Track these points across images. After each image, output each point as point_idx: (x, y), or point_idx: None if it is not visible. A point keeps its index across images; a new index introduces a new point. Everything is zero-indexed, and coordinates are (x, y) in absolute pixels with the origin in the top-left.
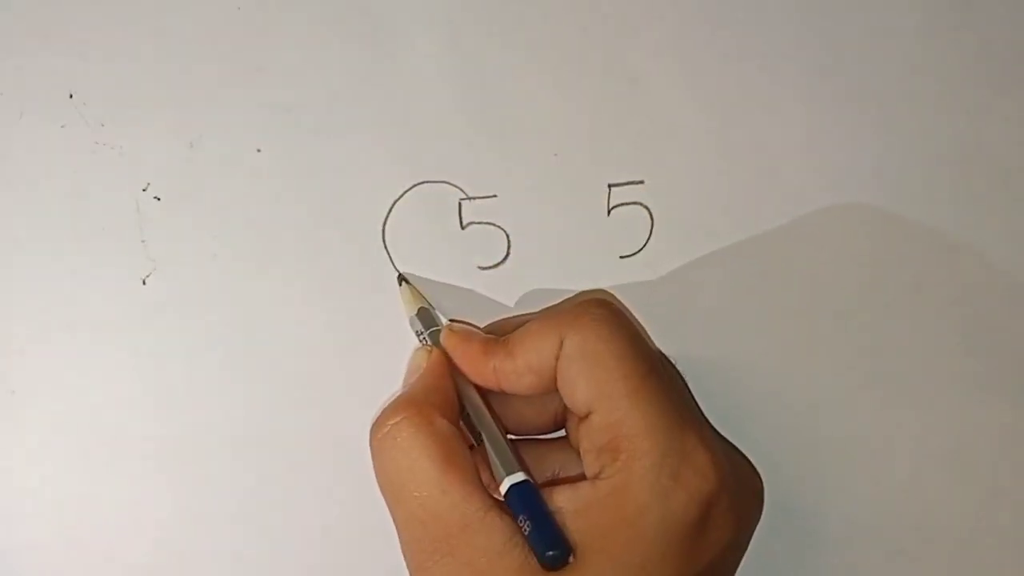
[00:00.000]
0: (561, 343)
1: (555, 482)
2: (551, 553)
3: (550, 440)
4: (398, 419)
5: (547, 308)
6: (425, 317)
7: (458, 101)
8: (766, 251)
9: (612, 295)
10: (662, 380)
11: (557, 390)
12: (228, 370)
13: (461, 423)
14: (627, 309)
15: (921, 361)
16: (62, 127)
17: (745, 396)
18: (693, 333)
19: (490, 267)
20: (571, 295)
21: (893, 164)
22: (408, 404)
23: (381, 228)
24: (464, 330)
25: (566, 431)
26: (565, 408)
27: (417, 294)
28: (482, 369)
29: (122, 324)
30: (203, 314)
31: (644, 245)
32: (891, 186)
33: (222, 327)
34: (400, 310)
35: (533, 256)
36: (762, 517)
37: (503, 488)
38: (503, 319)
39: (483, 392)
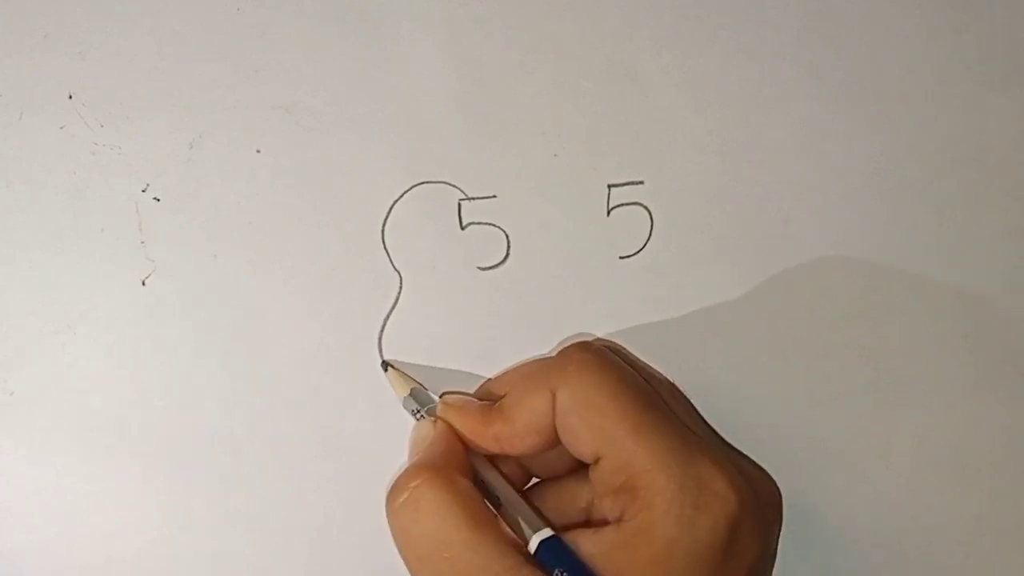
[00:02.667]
0: (554, 397)
1: (570, 527)
2: None
3: (576, 472)
4: (418, 482)
5: (531, 363)
6: (419, 395)
7: (458, 101)
8: (766, 251)
9: (591, 336)
10: (661, 411)
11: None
12: (228, 370)
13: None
14: (619, 347)
15: (921, 361)
16: (62, 127)
17: (745, 396)
18: (693, 334)
19: (490, 267)
20: (570, 295)
21: (893, 164)
22: (426, 467)
23: (381, 228)
24: (459, 401)
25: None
26: None
27: (405, 376)
28: (484, 438)
29: (122, 324)
30: (203, 314)
31: (644, 245)
32: (891, 186)
33: (222, 327)
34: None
35: (533, 256)
36: None
37: (533, 545)
38: (489, 381)
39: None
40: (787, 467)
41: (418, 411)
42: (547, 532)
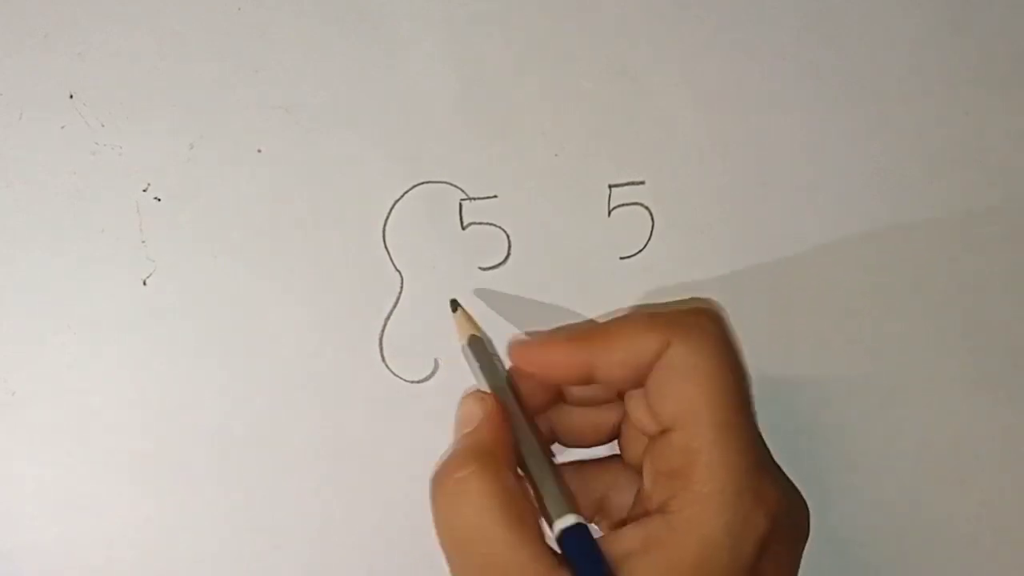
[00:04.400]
0: (667, 346)
1: (602, 508)
2: None
3: (596, 461)
4: (466, 472)
5: (652, 307)
6: (478, 348)
7: (458, 101)
8: (767, 251)
9: (721, 308)
10: (750, 416)
11: (626, 397)
12: (228, 370)
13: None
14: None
15: (921, 361)
16: (62, 127)
17: None
18: None
19: (491, 268)
20: (571, 295)
21: (893, 164)
22: (476, 455)
23: (381, 228)
24: (542, 334)
25: (620, 446)
26: (621, 423)
27: (470, 322)
28: (573, 359)
29: (122, 324)
30: (203, 314)
31: (645, 246)
32: (891, 186)
33: (222, 327)
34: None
35: (533, 257)
36: None
37: (555, 530)
38: (585, 322)
39: (536, 430)
40: (786, 466)
41: (484, 357)
42: (572, 519)
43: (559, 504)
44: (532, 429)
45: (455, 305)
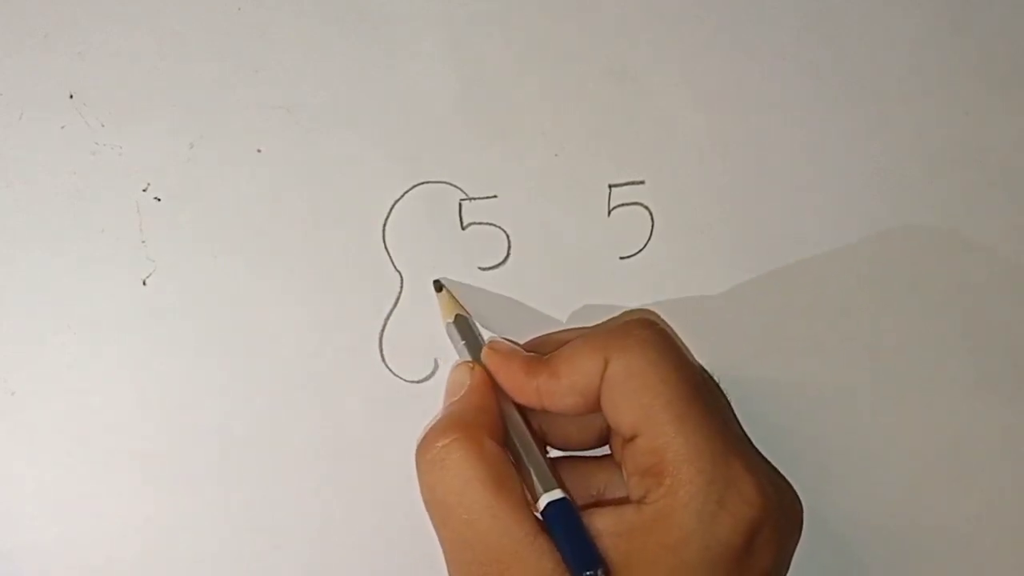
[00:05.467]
0: (606, 364)
1: (599, 503)
2: (588, 573)
3: (595, 458)
4: (448, 440)
5: (591, 327)
6: (463, 326)
7: (458, 101)
8: (767, 251)
9: (656, 314)
10: (707, 405)
11: (601, 410)
12: (228, 370)
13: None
14: (671, 328)
15: (921, 361)
16: (62, 127)
17: (744, 395)
18: (693, 334)
19: (490, 268)
20: (570, 295)
21: (893, 164)
22: (457, 425)
23: (381, 228)
24: (506, 348)
25: (610, 448)
26: (609, 425)
27: (454, 301)
28: (525, 389)
29: (122, 324)
30: (203, 314)
31: (645, 246)
32: (891, 186)
33: (222, 327)
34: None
35: (533, 257)
36: None
37: (541, 504)
38: (544, 335)
39: (522, 408)
40: (786, 465)
41: (463, 341)
42: (557, 494)
43: (544, 479)
44: (517, 406)
45: (439, 286)
